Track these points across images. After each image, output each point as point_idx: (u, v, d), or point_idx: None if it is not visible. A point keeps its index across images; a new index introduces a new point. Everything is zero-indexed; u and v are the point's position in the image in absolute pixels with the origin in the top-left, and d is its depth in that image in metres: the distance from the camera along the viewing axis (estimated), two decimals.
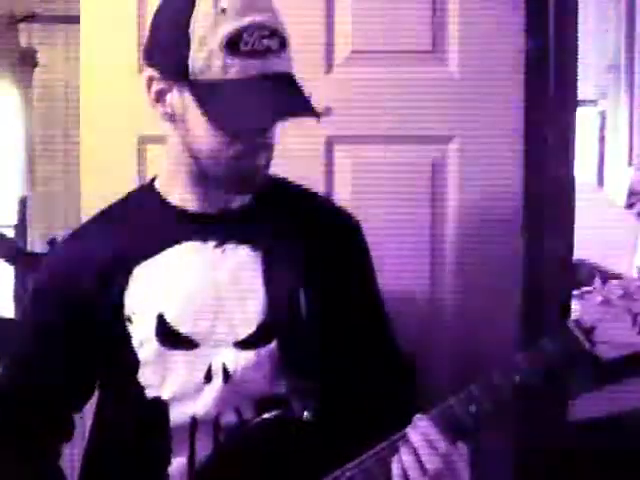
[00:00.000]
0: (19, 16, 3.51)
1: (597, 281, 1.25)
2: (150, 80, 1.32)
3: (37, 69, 3.70)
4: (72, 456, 1.50)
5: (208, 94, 1.26)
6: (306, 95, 1.29)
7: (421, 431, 1.25)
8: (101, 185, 1.84)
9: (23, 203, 3.83)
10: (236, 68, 1.24)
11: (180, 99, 1.30)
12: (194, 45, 1.24)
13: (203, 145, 1.30)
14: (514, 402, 1.27)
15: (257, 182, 1.34)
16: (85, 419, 1.52)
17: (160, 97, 1.32)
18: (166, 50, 1.29)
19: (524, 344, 1.87)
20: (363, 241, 1.49)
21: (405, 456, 1.25)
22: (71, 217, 1.53)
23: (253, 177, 1.33)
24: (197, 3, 1.25)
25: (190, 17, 1.24)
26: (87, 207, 1.82)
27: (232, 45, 1.23)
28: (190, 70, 1.25)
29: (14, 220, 3.84)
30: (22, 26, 3.58)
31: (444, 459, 1.24)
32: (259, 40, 1.24)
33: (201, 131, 1.29)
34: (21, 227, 3.84)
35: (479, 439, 1.30)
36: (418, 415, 1.27)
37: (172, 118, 1.32)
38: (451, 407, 1.26)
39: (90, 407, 1.48)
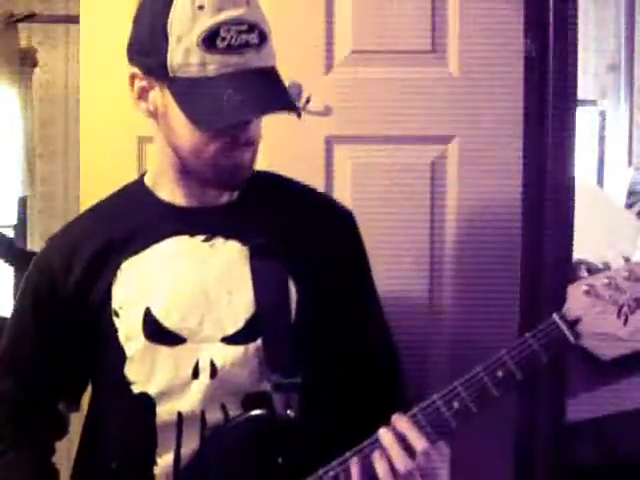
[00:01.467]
0: (19, 16, 3.50)
1: (583, 272, 1.24)
2: (133, 77, 1.32)
3: (37, 69, 3.69)
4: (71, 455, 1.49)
5: (187, 91, 1.25)
6: (285, 90, 1.28)
7: (397, 431, 1.24)
8: (101, 185, 1.83)
9: (23, 203, 3.82)
10: (214, 65, 1.23)
11: (162, 97, 1.29)
12: (172, 42, 1.24)
13: (185, 143, 1.29)
14: (497, 398, 1.25)
15: (241, 179, 1.33)
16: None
17: (143, 94, 1.32)
18: (146, 48, 1.29)
19: None
20: (356, 232, 1.47)
21: (377, 457, 1.24)
22: (71, 217, 1.52)
23: (237, 175, 1.32)
24: (175, 1, 1.24)
25: (168, 14, 1.24)
26: (87, 207, 1.82)
27: (209, 41, 1.22)
28: (168, 68, 1.25)
29: (14, 220, 3.84)
30: (22, 26, 3.57)
31: (423, 458, 1.22)
32: (237, 35, 1.23)
33: (182, 128, 1.28)
34: (21, 227, 3.83)
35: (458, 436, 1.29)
36: (396, 414, 1.26)
37: (155, 115, 1.32)
38: (434, 404, 1.25)
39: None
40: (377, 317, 1.48)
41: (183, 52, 1.23)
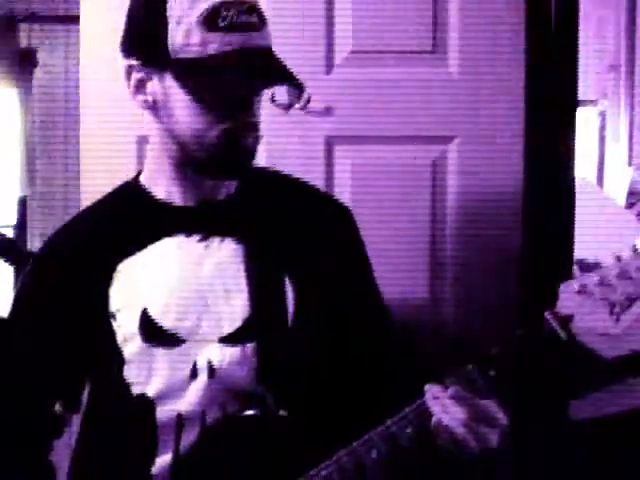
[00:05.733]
0: (19, 16, 3.51)
1: (575, 270, 1.23)
2: (129, 70, 1.31)
3: (37, 69, 3.70)
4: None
5: (189, 72, 1.25)
6: (285, 66, 1.27)
7: (434, 394, 1.21)
8: (101, 185, 1.84)
9: (23, 203, 3.82)
10: (215, 44, 1.23)
11: (161, 85, 1.28)
12: (172, 25, 1.24)
13: (187, 129, 1.28)
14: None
15: (242, 166, 1.32)
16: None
17: (140, 86, 1.31)
18: (145, 35, 1.28)
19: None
20: (354, 228, 1.46)
21: (436, 410, 1.20)
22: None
23: (238, 161, 1.31)
24: None
25: (166, 0, 1.24)
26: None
27: (210, 21, 1.22)
28: (170, 50, 1.24)
29: (14, 220, 3.84)
30: (22, 26, 3.58)
31: (476, 407, 1.21)
32: (237, 15, 1.23)
33: (184, 113, 1.27)
34: (21, 227, 3.83)
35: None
36: (428, 384, 1.22)
37: (153, 107, 1.31)
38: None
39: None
40: (378, 311, 1.46)
41: (183, 33, 1.23)
